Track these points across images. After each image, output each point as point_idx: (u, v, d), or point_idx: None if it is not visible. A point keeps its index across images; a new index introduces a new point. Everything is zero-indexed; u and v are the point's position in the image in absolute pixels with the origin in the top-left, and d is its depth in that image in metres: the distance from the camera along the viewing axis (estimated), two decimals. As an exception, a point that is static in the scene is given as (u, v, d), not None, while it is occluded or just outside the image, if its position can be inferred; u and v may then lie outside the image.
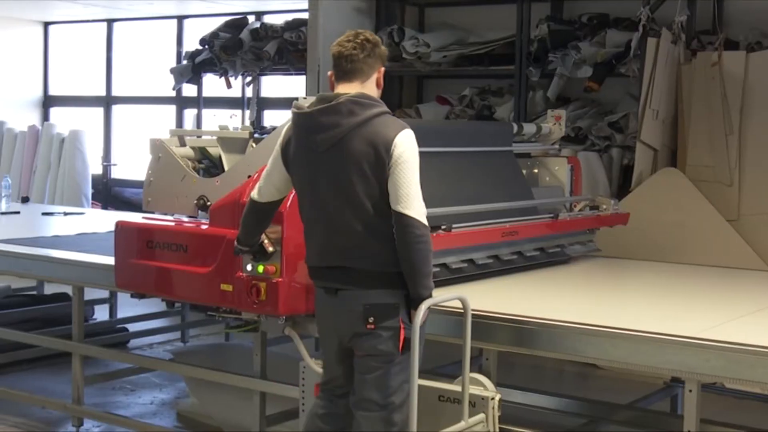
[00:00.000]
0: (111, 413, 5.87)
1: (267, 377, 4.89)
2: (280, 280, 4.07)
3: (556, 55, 7.79)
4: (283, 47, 9.34)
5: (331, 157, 3.63)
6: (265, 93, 10.55)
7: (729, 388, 5.70)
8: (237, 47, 9.56)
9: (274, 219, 3.99)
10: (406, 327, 3.63)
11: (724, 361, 3.47)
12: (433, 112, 8.53)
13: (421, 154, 3.69)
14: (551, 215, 5.34)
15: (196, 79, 10.32)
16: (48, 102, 12.93)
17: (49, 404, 5.95)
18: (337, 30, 8.55)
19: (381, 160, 3.56)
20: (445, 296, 3.81)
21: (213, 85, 10.30)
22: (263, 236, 4.02)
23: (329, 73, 3.81)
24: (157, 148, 4.95)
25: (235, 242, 4.02)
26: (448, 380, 4.84)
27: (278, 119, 10.05)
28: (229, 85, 9.96)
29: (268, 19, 10.28)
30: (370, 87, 3.74)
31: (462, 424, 3.76)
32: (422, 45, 8.41)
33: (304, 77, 8.72)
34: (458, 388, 3.82)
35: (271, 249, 4.04)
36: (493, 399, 3.90)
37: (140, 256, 4.72)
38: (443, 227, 4.51)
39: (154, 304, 7.80)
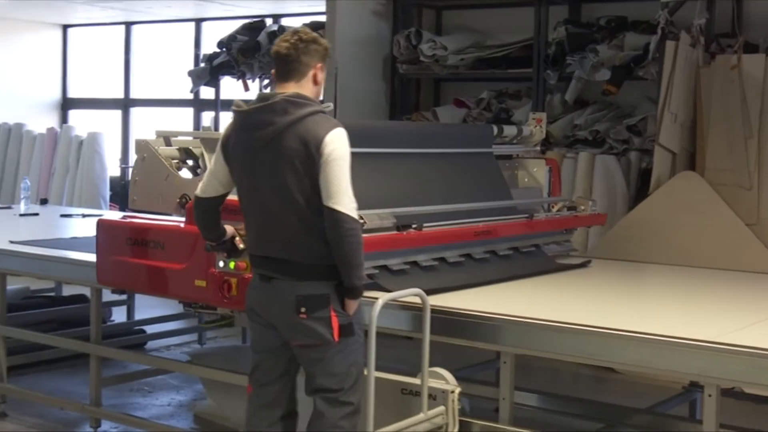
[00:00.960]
0: (128, 415, 5.89)
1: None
2: (250, 275, 4.11)
3: (574, 58, 7.77)
4: (300, 50, 9.34)
5: (266, 153, 3.79)
6: (282, 96, 10.56)
7: (748, 393, 5.67)
8: (254, 50, 9.58)
9: None
10: (339, 315, 3.78)
11: (743, 366, 3.45)
12: (450, 115, 8.52)
13: (397, 155, 3.71)
14: (526, 215, 5.44)
15: (213, 82, 10.35)
16: (67, 104, 12.99)
17: (67, 405, 5.97)
18: (355, 33, 8.63)
19: (312, 158, 3.72)
20: (403, 292, 3.97)
21: (230, 87, 10.32)
22: (235, 233, 4.15)
23: (272, 71, 3.96)
24: (142, 148, 5.04)
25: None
26: (465, 383, 4.84)
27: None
28: (246, 88, 9.97)
29: (285, 21, 10.31)
30: (306, 85, 3.88)
31: (421, 416, 3.89)
32: (439, 48, 8.41)
33: (321, 80, 8.73)
34: (420, 382, 3.95)
35: (242, 246, 4.16)
36: (452, 392, 4.01)
37: (120, 253, 4.89)
38: (414, 226, 4.64)
39: (172, 306, 7.86)
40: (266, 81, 9.97)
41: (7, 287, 6.15)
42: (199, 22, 11.52)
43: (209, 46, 10.63)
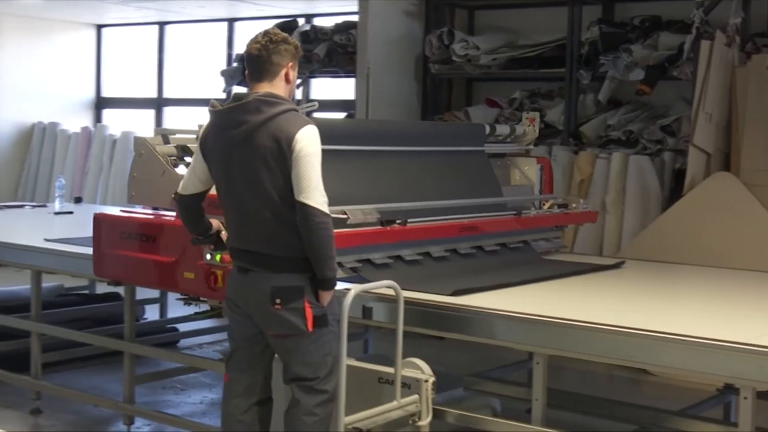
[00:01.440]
0: (161, 412, 5.91)
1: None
2: None
3: (608, 57, 7.74)
4: (332, 50, 9.36)
5: (241, 151, 3.92)
6: (314, 95, 10.58)
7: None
8: (287, 50, 9.59)
9: None
10: (313, 306, 3.91)
11: (779, 368, 3.42)
12: (482, 114, 8.50)
13: (387, 153, 4.32)
14: (514, 212, 5.54)
15: (245, 82, 10.37)
16: (101, 104, 13.09)
17: (100, 402, 6.01)
18: (387, 33, 8.63)
19: (284, 154, 3.84)
20: (375, 284, 4.11)
21: (263, 87, 10.34)
22: (221, 227, 4.25)
23: (246, 72, 4.08)
24: (140, 145, 5.17)
25: None
26: (497, 383, 4.83)
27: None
28: (278, 88, 9.99)
29: (318, 21, 10.32)
30: (278, 84, 4.01)
31: (394, 404, 4.01)
32: (472, 48, 8.40)
33: (353, 79, 8.75)
34: (405, 373, 4.09)
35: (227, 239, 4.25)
36: (426, 381, 4.11)
37: (115, 246, 5.11)
38: (398, 221, 4.79)
39: (204, 305, 7.90)
40: (298, 80, 10.00)
41: (42, 285, 6.21)
42: (231, 22, 11.57)
43: (242, 46, 10.66)
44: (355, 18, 8.80)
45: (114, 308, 7.27)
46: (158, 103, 12.45)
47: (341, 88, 10.14)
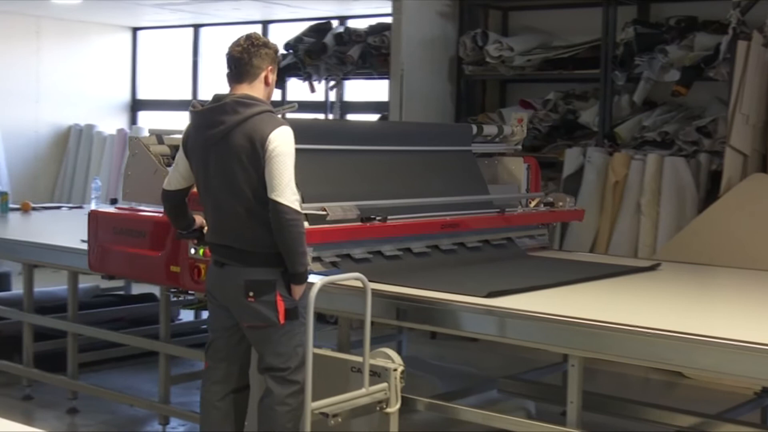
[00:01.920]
0: (196, 412, 5.91)
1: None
2: None
3: (643, 58, 7.69)
4: (366, 51, 9.38)
5: (218, 150, 4.12)
6: (348, 97, 10.60)
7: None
8: (321, 51, 9.63)
9: None
10: (285, 299, 4.11)
11: (818, 372, 3.38)
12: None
13: (373, 152, 4.71)
14: (497, 209, 5.69)
15: (280, 84, 10.41)
16: (136, 106, 13.18)
17: (136, 402, 6.05)
18: (421, 34, 8.63)
19: (257, 153, 4.03)
20: (343, 275, 4.35)
21: (297, 89, 10.38)
22: (204, 223, 4.41)
23: (226, 73, 4.27)
24: (134, 145, 5.38)
25: None
26: (531, 385, 4.81)
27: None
28: (312, 90, 10.03)
29: (352, 23, 10.34)
30: (258, 86, 4.21)
31: (362, 391, 4.15)
32: (506, 49, 8.38)
33: (387, 81, 8.75)
34: (375, 362, 4.27)
35: None
36: (395, 370, 4.25)
37: (108, 241, 5.38)
38: (378, 218, 4.95)
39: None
40: (332, 82, 10.04)
41: (78, 285, 6.26)
42: (266, 24, 11.62)
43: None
44: (388, 20, 8.79)
45: (149, 309, 7.33)
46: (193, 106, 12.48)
47: (375, 89, 10.15)
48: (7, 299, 7.07)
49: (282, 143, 4.04)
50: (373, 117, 9.73)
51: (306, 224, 4.42)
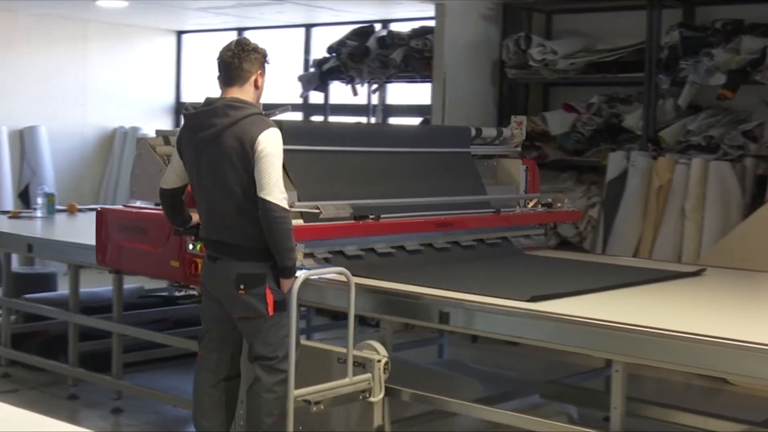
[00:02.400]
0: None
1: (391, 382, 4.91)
2: None
3: (688, 62, 7.63)
4: (409, 55, 9.38)
5: (210, 150, 4.33)
6: (390, 100, 10.61)
7: None
8: (364, 55, 9.65)
9: None
10: (274, 292, 4.33)
11: None
12: (559, 119, 8.45)
13: (373, 153, 5.07)
14: (493, 209, 5.95)
15: (323, 87, 10.46)
16: (180, 108, 13.27)
17: (179, 403, 6.08)
18: (464, 38, 8.63)
19: (246, 154, 4.24)
20: (325, 269, 4.68)
21: (339, 92, 10.42)
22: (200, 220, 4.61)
23: (217, 76, 4.49)
24: (141, 146, 5.56)
25: None
26: (574, 390, 4.78)
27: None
28: (355, 93, 10.05)
29: (394, 26, 10.34)
30: (248, 89, 4.45)
31: (346, 380, 4.37)
32: (549, 52, 8.35)
33: (429, 85, 8.76)
34: (355, 352, 4.46)
35: None
36: (379, 361, 4.45)
37: (114, 237, 5.70)
38: (371, 216, 5.18)
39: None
40: (375, 85, 10.05)
41: (123, 286, 6.32)
42: (309, 27, 11.65)
43: (319, 51, 10.75)
44: (431, 23, 8.80)
45: (193, 310, 7.38)
46: (236, 108, 12.56)
47: (417, 93, 10.15)
48: (53, 299, 7.16)
49: (270, 144, 4.25)
50: (415, 120, 9.73)
51: (300, 222, 4.86)
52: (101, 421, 6.02)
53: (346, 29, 10.22)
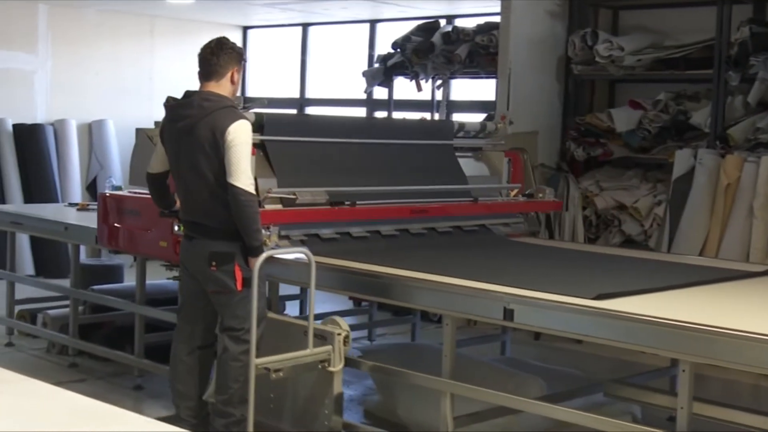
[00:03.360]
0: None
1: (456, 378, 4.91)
2: None
3: (758, 59, 7.50)
4: (474, 51, 9.35)
5: (186, 140, 4.80)
6: (454, 96, 10.60)
7: None
8: (428, 50, 9.65)
9: None
10: (242, 269, 4.78)
11: None
12: (626, 116, 8.36)
13: (350, 144, 5.61)
14: (471, 198, 6.36)
15: (387, 82, 10.48)
16: (246, 103, 13.35)
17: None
18: (530, 33, 8.58)
19: (217, 143, 4.70)
20: (288, 249, 5.16)
21: (404, 88, 10.43)
22: None
23: (198, 71, 4.93)
24: (139, 136, 5.99)
25: None
26: (638, 390, 4.74)
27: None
28: (419, 88, 10.05)
29: (459, 22, 10.33)
30: (224, 84, 4.92)
31: (306, 351, 4.72)
32: (616, 48, 8.27)
33: (494, 81, 8.73)
34: (322, 327, 4.89)
35: None
36: (339, 335, 4.84)
37: (113, 220, 6.19)
38: (347, 203, 5.62)
39: (342, 302, 8.01)
40: (439, 81, 10.04)
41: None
42: (374, 23, 11.69)
43: (384, 47, 10.77)
44: (496, 19, 8.77)
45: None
46: (301, 104, 12.67)
47: (482, 89, 10.13)
48: (119, 291, 7.26)
49: (239, 134, 4.69)
50: (479, 116, 9.70)
51: (279, 206, 5.35)
52: (165, 412, 6.05)
53: (411, 25, 10.22)
